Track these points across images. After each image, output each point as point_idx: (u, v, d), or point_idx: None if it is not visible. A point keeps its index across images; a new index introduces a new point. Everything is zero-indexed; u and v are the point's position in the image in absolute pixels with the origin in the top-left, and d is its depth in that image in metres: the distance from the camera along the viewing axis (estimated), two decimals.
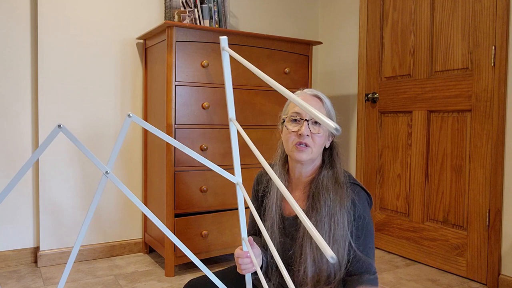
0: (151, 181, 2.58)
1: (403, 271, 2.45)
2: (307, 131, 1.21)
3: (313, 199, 1.23)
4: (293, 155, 1.24)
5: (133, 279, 2.26)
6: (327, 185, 1.23)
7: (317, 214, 1.21)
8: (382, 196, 2.85)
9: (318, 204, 1.21)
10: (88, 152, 0.54)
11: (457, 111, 2.40)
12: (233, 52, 0.61)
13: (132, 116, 0.55)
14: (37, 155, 0.52)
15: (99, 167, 0.54)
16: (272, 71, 2.57)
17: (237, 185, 0.70)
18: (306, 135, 1.21)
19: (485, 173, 2.25)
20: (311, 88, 1.33)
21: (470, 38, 2.32)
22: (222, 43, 0.64)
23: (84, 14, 2.50)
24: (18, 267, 2.40)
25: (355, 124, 3.06)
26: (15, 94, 2.41)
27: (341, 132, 0.55)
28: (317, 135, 1.22)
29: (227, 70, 0.64)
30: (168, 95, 2.26)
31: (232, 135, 0.67)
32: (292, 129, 1.24)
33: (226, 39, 0.64)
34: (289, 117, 1.26)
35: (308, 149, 1.22)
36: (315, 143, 1.22)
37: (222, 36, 0.65)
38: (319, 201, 1.22)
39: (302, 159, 1.23)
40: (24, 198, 2.45)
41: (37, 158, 0.48)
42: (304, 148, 1.22)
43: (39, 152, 0.51)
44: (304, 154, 1.22)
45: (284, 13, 3.21)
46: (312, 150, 1.23)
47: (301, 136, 1.21)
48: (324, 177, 1.25)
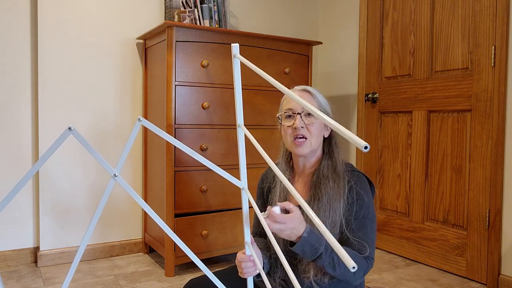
0: (151, 181, 2.58)
1: (403, 271, 2.46)
2: (301, 123, 1.26)
3: (315, 189, 1.27)
4: (294, 150, 1.29)
5: (133, 279, 2.25)
6: (327, 174, 1.27)
7: (319, 202, 1.25)
8: (382, 196, 2.85)
9: (319, 193, 1.26)
10: (97, 155, 0.54)
11: (457, 111, 2.40)
12: (244, 59, 0.61)
13: (142, 120, 0.55)
14: (46, 156, 0.52)
15: (108, 170, 0.54)
16: (272, 71, 2.57)
17: (242, 190, 0.71)
18: (301, 127, 1.26)
19: (485, 173, 2.25)
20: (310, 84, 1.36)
21: (470, 38, 2.33)
22: (234, 50, 0.64)
23: (84, 14, 2.50)
24: (18, 267, 2.40)
25: (355, 124, 3.06)
26: (15, 94, 2.40)
27: (369, 148, 0.56)
28: (311, 125, 1.26)
29: (237, 77, 0.64)
30: (168, 95, 2.25)
31: (240, 140, 0.67)
32: (287, 124, 1.30)
33: (238, 46, 0.64)
34: (283, 114, 1.32)
35: (307, 141, 1.27)
36: (311, 133, 1.27)
37: (233, 44, 0.65)
38: (320, 190, 1.26)
39: (303, 153, 1.28)
40: (24, 198, 2.45)
41: (47, 160, 0.48)
42: (302, 141, 1.27)
43: (49, 153, 0.51)
44: (304, 147, 1.27)
45: (284, 13, 3.21)
46: (311, 141, 1.27)
47: (296, 129, 1.26)
48: (324, 166, 1.29)
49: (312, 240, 1.11)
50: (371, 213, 1.25)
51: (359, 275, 1.19)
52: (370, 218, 1.24)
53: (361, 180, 1.28)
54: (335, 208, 1.23)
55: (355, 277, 1.19)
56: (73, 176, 2.51)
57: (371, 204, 1.27)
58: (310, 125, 1.26)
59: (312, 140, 1.27)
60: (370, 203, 1.26)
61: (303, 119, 1.27)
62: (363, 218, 1.23)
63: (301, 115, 1.27)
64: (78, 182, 2.52)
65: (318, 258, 1.13)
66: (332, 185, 1.25)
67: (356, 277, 1.19)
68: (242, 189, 0.71)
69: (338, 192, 1.24)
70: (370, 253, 1.21)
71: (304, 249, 1.11)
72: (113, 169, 0.55)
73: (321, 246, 1.12)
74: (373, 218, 1.26)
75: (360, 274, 1.20)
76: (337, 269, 1.15)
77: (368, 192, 1.28)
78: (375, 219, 1.26)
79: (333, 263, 1.14)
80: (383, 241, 2.84)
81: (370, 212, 1.25)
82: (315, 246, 1.11)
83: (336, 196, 1.24)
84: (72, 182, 2.50)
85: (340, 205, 1.23)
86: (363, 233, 1.22)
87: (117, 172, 0.56)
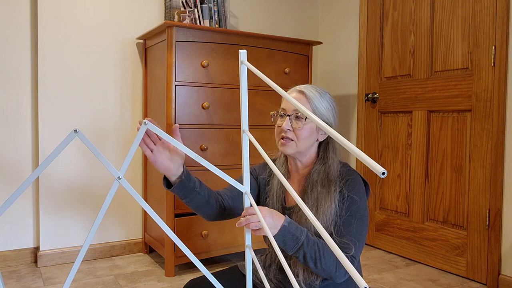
0: (151, 180, 2.58)
1: (403, 271, 2.46)
2: (288, 126, 1.27)
3: (305, 193, 1.28)
4: (280, 149, 1.32)
5: (133, 279, 2.25)
6: (316, 179, 1.28)
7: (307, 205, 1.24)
8: (382, 196, 2.85)
9: (306, 197, 1.27)
10: (102, 158, 0.54)
11: (457, 111, 2.40)
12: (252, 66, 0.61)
13: (148, 123, 0.55)
14: (51, 158, 0.52)
15: (112, 173, 0.54)
16: (272, 71, 2.57)
17: (245, 194, 0.71)
18: (287, 129, 1.27)
19: (485, 173, 2.25)
20: (306, 84, 1.35)
21: (470, 38, 2.33)
22: (241, 57, 0.64)
23: (84, 14, 2.50)
24: (18, 267, 2.39)
25: (355, 124, 3.06)
26: (15, 94, 2.40)
27: (386, 174, 0.56)
28: (299, 129, 1.27)
29: (244, 83, 0.64)
30: (168, 95, 2.25)
31: (244, 145, 0.67)
32: (278, 123, 1.32)
33: (245, 53, 0.64)
34: (277, 113, 1.34)
35: (292, 143, 1.28)
36: (298, 137, 1.27)
37: (241, 50, 0.65)
38: (307, 194, 1.27)
39: (286, 152, 1.30)
40: (24, 198, 2.45)
41: (51, 162, 0.47)
42: (287, 142, 1.28)
43: (54, 155, 0.51)
44: (288, 147, 1.29)
45: (284, 13, 3.21)
46: (296, 144, 1.28)
47: (283, 131, 1.28)
48: (315, 172, 1.29)
49: (292, 229, 1.12)
50: (360, 212, 1.23)
51: (340, 273, 1.16)
52: (359, 217, 1.22)
53: (355, 181, 1.27)
54: (324, 212, 1.22)
55: (337, 274, 1.16)
56: (73, 176, 2.50)
57: (363, 204, 1.24)
58: (297, 129, 1.26)
59: (298, 143, 1.28)
60: (362, 203, 1.24)
61: (292, 121, 1.27)
62: (349, 216, 1.21)
63: (291, 117, 1.28)
64: (78, 182, 2.52)
65: (300, 249, 1.12)
66: (320, 190, 1.25)
67: (337, 275, 1.16)
68: (245, 193, 0.71)
69: (327, 196, 1.23)
70: (355, 252, 1.19)
71: (285, 239, 1.11)
72: (117, 172, 0.55)
73: (301, 236, 1.12)
74: (363, 218, 1.23)
75: (342, 273, 1.17)
76: (318, 264, 1.13)
77: (360, 192, 1.25)
78: (365, 219, 1.24)
79: (315, 256, 1.13)
80: (383, 241, 2.84)
81: (359, 211, 1.22)
82: (296, 235, 1.12)
83: (325, 200, 1.23)
84: (72, 182, 2.50)
85: (330, 209, 1.22)
86: (348, 231, 1.20)
87: (121, 175, 0.56)
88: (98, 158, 0.54)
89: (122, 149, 2.65)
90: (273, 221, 1.10)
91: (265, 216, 1.09)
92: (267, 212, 1.11)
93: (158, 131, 0.63)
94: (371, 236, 2.93)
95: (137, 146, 0.55)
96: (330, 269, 1.15)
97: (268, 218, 1.09)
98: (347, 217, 1.22)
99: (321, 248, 1.14)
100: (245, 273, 1.26)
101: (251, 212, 1.03)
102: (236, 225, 1.22)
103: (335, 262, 1.15)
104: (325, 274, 1.16)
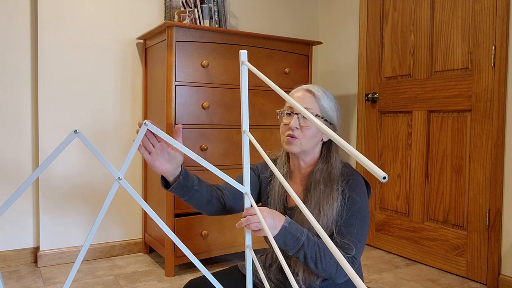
0: (151, 181, 2.58)
1: (403, 271, 2.46)
2: (296, 124, 1.27)
3: (307, 192, 1.29)
4: (285, 147, 1.32)
5: (133, 279, 2.25)
6: (319, 179, 1.28)
7: (308, 206, 1.26)
8: (382, 196, 2.85)
9: (309, 196, 1.27)
10: (102, 158, 0.54)
11: (457, 111, 2.40)
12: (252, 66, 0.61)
13: (148, 124, 0.54)
14: (51, 158, 0.52)
15: (112, 173, 0.54)
16: (272, 71, 2.57)
17: (245, 194, 0.71)
18: (295, 128, 1.27)
19: (485, 173, 2.25)
20: (312, 84, 1.36)
21: (470, 38, 2.33)
22: (242, 57, 0.64)
23: (84, 14, 2.50)
24: (18, 267, 2.39)
25: (355, 124, 3.06)
26: (15, 94, 2.40)
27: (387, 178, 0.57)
28: (306, 127, 1.27)
29: (244, 84, 0.64)
30: (168, 95, 2.25)
31: (245, 146, 0.67)
32: (285, 121, 1.32)
33: (246, 53, 0.64)
34: (284, 111, 1.34)
35: (297, 141, 1.28)
36: (304, 135, 1.28)
37: (242, 51, 0.65)
38: (309, 193, 1.27)
39: (292, 150, 1.30)
40: (24, 198, 2.44)
41: (51, 162, 0.47)
42: (293, 140, 1.28)
43: (54, 156, 0.51)
44: (294, 146, 1.29)
45: (284, 13, 3.21)
46: (301, 142, 1.28)
47: (290, 129, 1.28)
48: (318, 170, 1.30)
49: (292, 229, 1.12)
50: (361, 212, 1.23)
51: (341, 274, 1.17)
52: (360, 218, 1.22)
53: (356, 181, 1.27)
54: (325, 211, 1.22)
55: (337, 275, 1.16)
56: (73, 176, 2.50)
57: (364, 205, 1.25)
58: (305, 127, 1.27)
59: (303, 141, 1.28)
60: (363, 203, 1.25)
61: (299, 120, 1.28)
62: (351, 217, 1.22)
63: (299, 116, 1.28)
64: (78, 182, 2.52)
65: (300, 250, 1.13)
66: (323, 189, 1.25)
67: (338, 276, 1.16)
68: (245, 194, 0.71)
69: (329, 196, 1.24)
70: (356, 253, 1.19)
71: (286, 239, 1.11)
72: (118, 172, 0.55)
73: (302, 236, 1.13)
74: (364, 219, 1.23)
75: (343, 273, 1.17)
76: (319, 264, 1.13)
77: (362, 193, 1.26)
78: (366, 220, 1.24)
79: (315, 257, 1.13)
80: (383, 241, 2.84)
81: (360, 212, 1.23)
82: (296, 236, 1.12)
83: (327, 200, 1.23)
84: (72, 182, 2.50)
85: (332, 209, 1.22)
86: (349, 231, 1.21)
87: (122, 176, 0.56)
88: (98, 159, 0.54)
89: (122, 149, 2.65)
90: (273, 221, 1.10)
91: (265, 216, 1.09)
92: (268, 212, 1.11)
93: (159, 132, 0.63)
94: (371, 236, 2.93)
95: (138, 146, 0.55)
96: (330, 270, 1.15)
97: (268, 218, 1.09)
98: (348, 217, 1.22)
99: (321, 249, 1.14)
100: (245, 273, 1.27)
101: (252, 212, 1.03)
102: (236, 226, 1.22)
103: (336, 262, 1.15)
104: (326, 274, 1.16)
